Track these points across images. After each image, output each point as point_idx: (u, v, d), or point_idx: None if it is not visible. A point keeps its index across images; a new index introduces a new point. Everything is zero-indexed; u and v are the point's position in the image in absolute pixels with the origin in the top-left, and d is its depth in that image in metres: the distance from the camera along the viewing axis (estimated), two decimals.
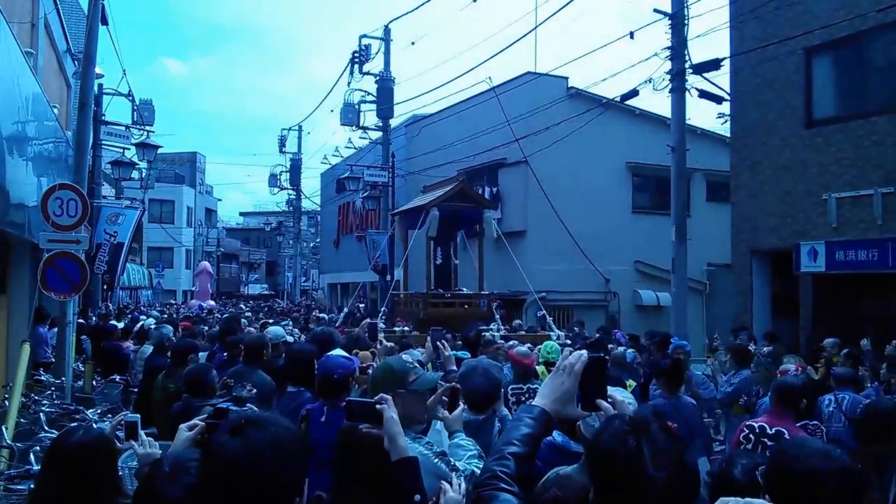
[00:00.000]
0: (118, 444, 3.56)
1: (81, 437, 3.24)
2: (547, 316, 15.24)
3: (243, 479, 1.90)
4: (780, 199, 15.67)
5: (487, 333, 12.64)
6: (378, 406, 2.82)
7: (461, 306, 14.38)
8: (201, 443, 2.70)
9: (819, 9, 14.60)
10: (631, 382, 8.56)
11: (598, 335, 14.30)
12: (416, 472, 2.77)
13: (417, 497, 2.74)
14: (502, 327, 13.78)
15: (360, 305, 23.45)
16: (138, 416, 3.67)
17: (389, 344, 7.52)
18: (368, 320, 7.44)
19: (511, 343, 9.97)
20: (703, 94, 16.17)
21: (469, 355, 7.01)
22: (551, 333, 13.33)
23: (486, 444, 3.86)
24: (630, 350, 11.31)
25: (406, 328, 14.39)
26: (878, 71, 14.47)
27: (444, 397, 3.72)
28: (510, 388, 7.15)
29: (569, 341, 11.76)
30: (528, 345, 9.97)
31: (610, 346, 11.88)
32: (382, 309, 15.02)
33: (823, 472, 2.48)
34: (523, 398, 6.68)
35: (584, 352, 2.55)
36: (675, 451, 1.93)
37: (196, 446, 2.72)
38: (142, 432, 3.56)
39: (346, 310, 22.59)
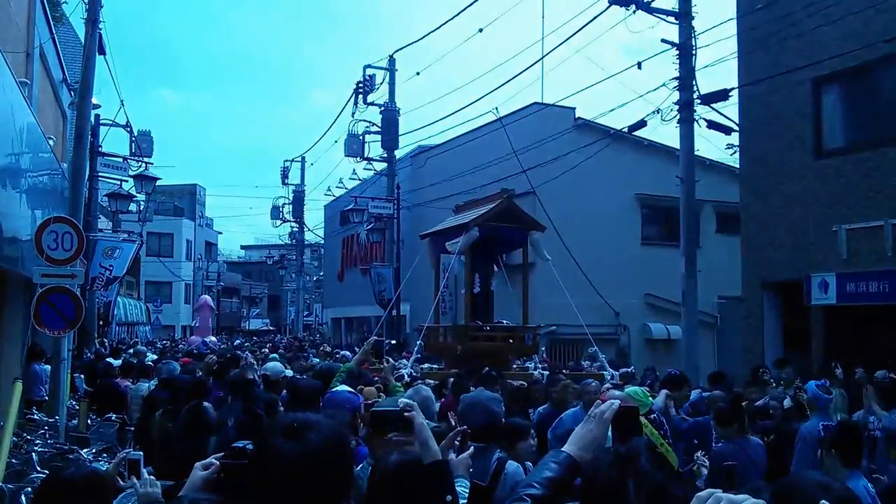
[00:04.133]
0: (120, 482, 3.50)
1: (72, 474, 3.20)
2: (599, 353, 14.18)
3: (301, 481, 1.98)
4: (791, 231, 15.50)
5: (536, 373, 11.88)
6: (406, 414, 2.82)
7: (503, 340, 13.09)
8: (217, 483, 2.64)
9: (827, 39, 14.48)
10: None
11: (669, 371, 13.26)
12: (448, 474, 2.82)
13: (449, 497, 2.77)
14: (539, 365, 13.03)
15: (392, 342, 22.35)
16: (141, 453, 3.59)
17: (393, 362, 7.26)
18: (374, 337, 7.20)
19: (608, 387, 9.02)
20: (712, 125, 16.11)
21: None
22: (605, 373, 12.14)
23: (482, 473, 4.14)
24: (695, 391, 10.15)
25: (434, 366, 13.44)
26: (886, 101, 14.43)
27: (455, 441, 3.59)
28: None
29: (621, 381, 10.71)
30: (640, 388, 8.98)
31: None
32: (418, 343, 14.06)
33: (819, 501, 2.36)
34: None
35: (616, 401, 2.57)
36: (661, 485, 1.94)
37: (210, 486, 2.64)
38: (144, 470, 3.47)
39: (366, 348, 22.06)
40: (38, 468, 7.51)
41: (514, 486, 4.03)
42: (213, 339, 37.84)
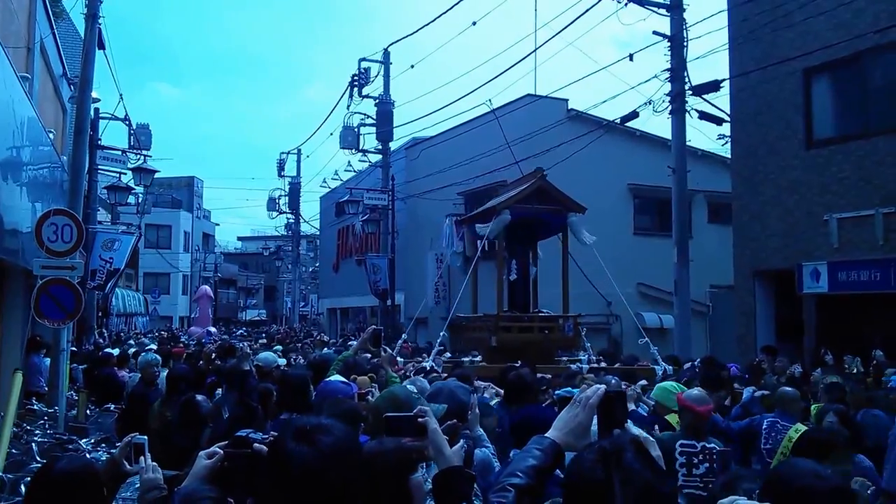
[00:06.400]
0: (127, 466, 3.51)
1: (65, 465, 3.18)
2: (651, 344, 12.58)
3: (315, 484, 1.98)
4: (782, 220, 15.61)
5: (574, 366, 10.55)
6: (420, 419, 2.78)
7: (540, 331, 11.99)
8: (220, 471, 2.67)
9: (817, 30, 14.60)
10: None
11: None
12: (463, 481, 2.76)
13: None
14: (593, 358, 11.82)
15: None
16: (145, 437, 3.59)
17: (390, 352, 7.23)
18: (373, 327, 7.18)
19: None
20: (703, 116, 16.20)
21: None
22: (656, 367, 11.15)
23: None
24: (747, 389, 9.13)
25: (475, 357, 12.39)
26: (877, 91, 14.51)
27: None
28: (678, 443, 5.44)
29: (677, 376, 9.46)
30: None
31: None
32: (442, 333, 12.74)
33: (816, 490, 2.46)
34: (695, 460, 5.35)
35: (602, 385, 2.52)
36: (648, 482, 1.85)
37: (214, 475, 2.67)
38: (148, 455, 3.47)
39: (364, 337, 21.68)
40: (38, 458, 7.55)
41: (483, 471, 4.04)
42: (213, 329, 37.89)
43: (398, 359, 11.45)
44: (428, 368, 9.99)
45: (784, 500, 2.48)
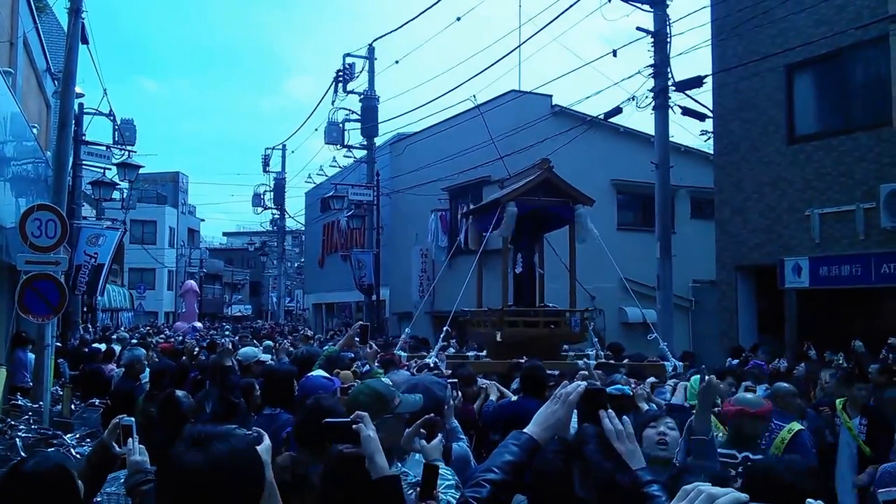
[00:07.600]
0: (116, 448, 3.51)
1: (34, 465, 3.04)
2: (661, 340, 12.24)
3: (204, 491, 1.96)
4: (764, 216, 15.72)
5: (581, 362, 10.22)
6: (354, 426, 2.69)
7: (546, 326, 11.68)
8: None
9: (799, 26, 14.71)
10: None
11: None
12: (397, 491, 2.66)
13: None
14: (601, 353, 11.54)
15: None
16: (133, 419, 3.59)
17: (375, 347, 7.23)
18: (360, 322, 7.21)
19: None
20: (686, 112, 16.24)
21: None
22: (666, 364, 10.77)
23: None
24: (761, 386, 8.42)
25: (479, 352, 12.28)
26: (858, 87, 14.61)
27: (421, 430, 3.55)
28: (718, 451, 4.63)
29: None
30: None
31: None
32: (445, 329, 12.39)
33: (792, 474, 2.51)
34: (732, 472, 4.50)
35: (582, 382, 2.50)
36: (607, 472, 1.87)
37: None
38: (136, 438, 3.48)
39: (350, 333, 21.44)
40: (22, 453, 7.55)
41: (461, 466, 4.06)
42: (199, 324, 37.81)
43: (400, 353, 11.47)
44: (431, 365, 9.86)
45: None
